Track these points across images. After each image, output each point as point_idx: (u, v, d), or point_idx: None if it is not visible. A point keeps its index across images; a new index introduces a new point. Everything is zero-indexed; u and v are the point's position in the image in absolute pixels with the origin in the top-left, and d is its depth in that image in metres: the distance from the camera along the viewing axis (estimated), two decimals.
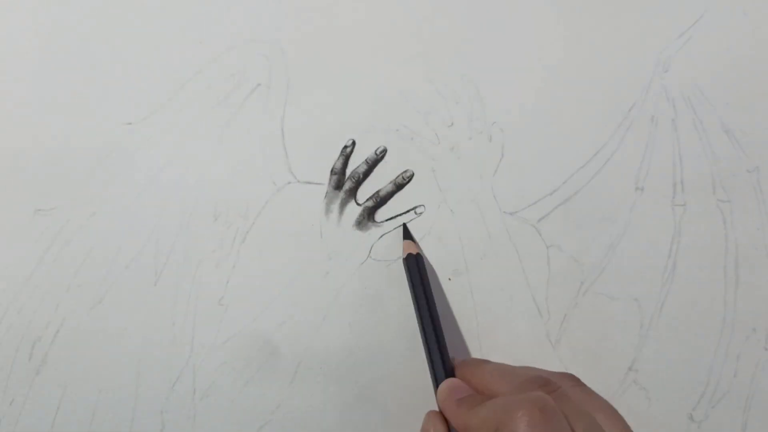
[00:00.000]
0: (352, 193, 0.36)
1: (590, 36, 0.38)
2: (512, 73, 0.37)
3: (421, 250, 0.35)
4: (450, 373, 0.30)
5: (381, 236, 0.35)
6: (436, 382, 0.29)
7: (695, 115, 0.37)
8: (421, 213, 0.35)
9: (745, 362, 0.34)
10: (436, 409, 0.29)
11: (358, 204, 0.36)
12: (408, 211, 0.35)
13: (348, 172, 0.36)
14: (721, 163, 0.36)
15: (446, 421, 0.28)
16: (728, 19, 0.38)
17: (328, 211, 0.35)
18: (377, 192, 0.36)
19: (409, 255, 0.33)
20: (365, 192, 0.36)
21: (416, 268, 0.32)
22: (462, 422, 0.27)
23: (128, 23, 0.38)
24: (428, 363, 0.30)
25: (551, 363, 0.34)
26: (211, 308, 0.34)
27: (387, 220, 0.35)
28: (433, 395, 0.33)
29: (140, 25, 0.38)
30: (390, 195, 0.36)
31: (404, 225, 0.35)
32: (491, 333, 0.34)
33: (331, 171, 0.36)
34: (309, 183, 0.36)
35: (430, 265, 0.35)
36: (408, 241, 0.34)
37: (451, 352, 0.34)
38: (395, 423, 0.33)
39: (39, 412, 0.33)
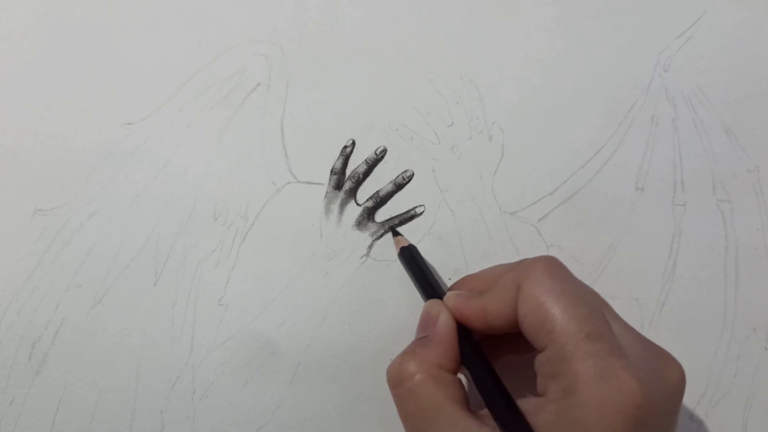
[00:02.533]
0: (352, 193, 0.36)
1: (590, 36, 0.38)
2: (512, 73, 0.37)
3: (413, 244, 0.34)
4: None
5: (381, 236, 0.35)
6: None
7: (695, 114, 0.37)
8: (421, 213, 0.35)
9: (746, 362, 0.34)
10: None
11: (358, 204, 0.36)
12: (408, 211, 0.35)
13: (348, 172, 0.36)
14: (722, 162, 0.36)
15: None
16: (728, 19, 0.38)
17: (328, 211, 0.35)
18: (377, 192, 0.36)
19: (403, 249, 0.33)
20: (365, 192, 0.36)
21: (413, 259, 0.32)
22: (479, 305, 0.27)
23: (128, 23, 0.38)
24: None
25: None
26: (211, 308, 0.34)
27: (387, 220, 0.35)
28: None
29: (140, 25, 0.38)
30: (390, 195, 0.36)
31: (392, 228, 0.35)
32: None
33: (331, 171, 0.36)
34: (309, 183, 0.36)
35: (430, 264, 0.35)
36: (398, 237, 0.34)
37: None
38: (395, 423, 0.33)
39: (39, 412, 0.33)
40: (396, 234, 0.35)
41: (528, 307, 0.25)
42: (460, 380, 0.27)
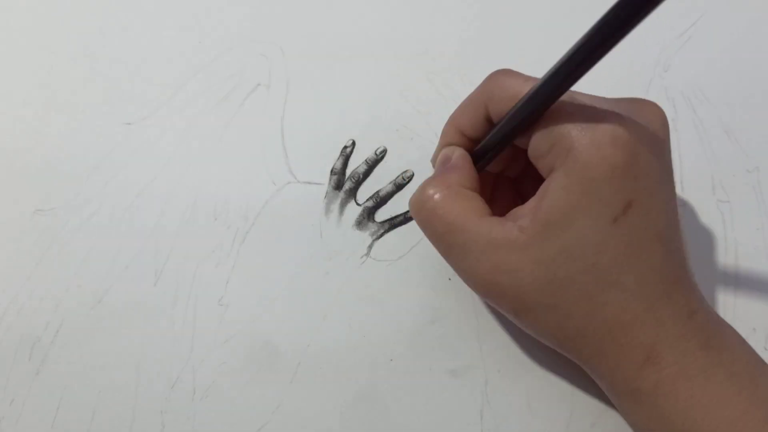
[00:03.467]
0: (352, 193, 0.36)
1: None
2: None
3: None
4: None
5: (381, 235, 0.35)
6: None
7: (695, 115, 0.37)
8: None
9: None
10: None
11: (358, 204, 0.36)
12: (408, 211, 0.36)
13: (348, 172, 0.36)
14: (721, 163, 0.36)
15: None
16: (728, 19, 0.38)
17: (327, 211, 0.36)
18: (377, 192, 0.36)
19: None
20: (365, 192, 0.36)
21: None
22: (450, 120, 0.30)
23: (128, 24, 0.38)
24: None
25: (551, 363, 0.34)
26: (211, 308, 0.34)
27: (387, 220, 0.36)
28: (433, 400, 0.33)
29: (140, 25, 0.38)
30: (390, 195, 0.36)
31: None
32: (491, 332, 0.34)
33: (331, 171, 0.36)
34: (309, 183, 0.36)
35: (430, 267, 0.35)
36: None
37: (449, 354, 0.34)
38: (395, 423, 0.33)
39: (39, 412, 0.33)
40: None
41: (504, 104, 0.27)
42: (481, 198, 0.28)
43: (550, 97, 0.25)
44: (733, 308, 0.34)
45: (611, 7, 0.22)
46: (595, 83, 0.37)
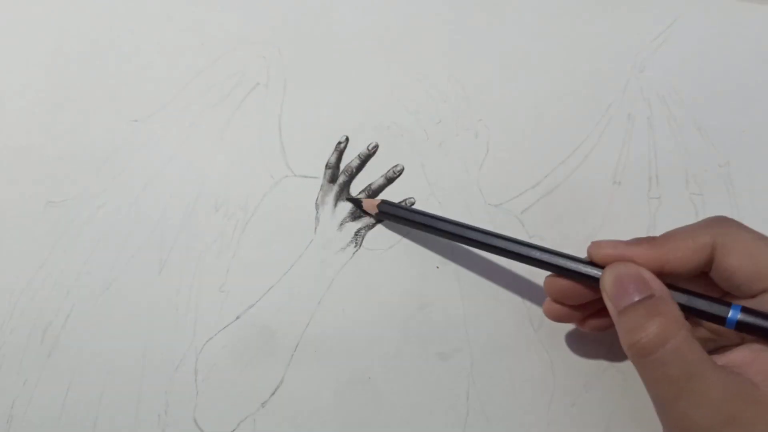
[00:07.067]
0: (346, 186, 0.37)
1: (571, 38, 0.39)
2: (497, 73, 0.39)
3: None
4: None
5: (373, 226, 0.36)
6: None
7: (669, 113, 0.38)
8: (411, 204, 0.37)
9: None
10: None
11: (351, 196, 0.37)
12: (399, 203, 0.37)
13: (342, 166, 0.37)
14: (694, 158, 0.37)
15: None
16: (701, 24, 0.39)
17: (323, 203, 0.37)
18: (369, 185, 0.37)
19: (382, 204, 0.35)
20: (358, 185, 0.37)
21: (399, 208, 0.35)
22: (658, 254, 0.27)
23: (135, 28, 0.39)
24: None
25: (533, 347, 0.35)
26: (213, 295, 0.35)
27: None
28: (422, 381, 0.34)
29: (146, 29, 0.39)
30: (381, 188, 0.37)
31: (350, 199, 0.37)
32: (476, 318, 0.35)
33: (326, 165, 0.37)
34: (305, 177, 0.37)
35: (418, 254, 0.36)
36: (367, 201, 0.36)
37: (437, 338, 0.35)
38: (386, 403, 0.34)
39: (51, 391, 0.34)
40: (358, 202, 0.37)
41: (740, 257, 0.25)
42: None
43: None
44: None
45: None
46: (576, 83, 0.38)
